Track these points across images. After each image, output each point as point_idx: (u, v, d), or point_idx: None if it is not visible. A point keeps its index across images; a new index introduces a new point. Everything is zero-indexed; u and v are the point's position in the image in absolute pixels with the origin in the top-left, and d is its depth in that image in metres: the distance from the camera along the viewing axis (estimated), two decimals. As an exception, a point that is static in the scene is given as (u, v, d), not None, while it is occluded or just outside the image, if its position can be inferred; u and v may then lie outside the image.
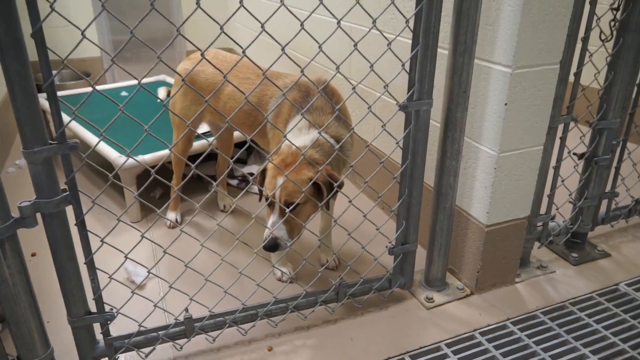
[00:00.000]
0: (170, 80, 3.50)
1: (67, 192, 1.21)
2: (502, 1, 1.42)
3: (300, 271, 1.89)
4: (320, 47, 1.24)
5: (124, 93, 3.37)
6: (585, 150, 1.87)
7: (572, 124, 1.73)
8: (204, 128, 2.59)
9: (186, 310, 1.45)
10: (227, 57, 1.94)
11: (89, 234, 1.27)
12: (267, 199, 1.55)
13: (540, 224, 1.87)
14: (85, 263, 1.28)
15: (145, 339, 1.44)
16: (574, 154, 1.86)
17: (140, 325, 1.40)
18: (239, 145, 2.86)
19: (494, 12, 1.46)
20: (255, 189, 2.58)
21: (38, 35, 1.04)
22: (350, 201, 1.45)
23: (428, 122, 1.48)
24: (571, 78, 1.63)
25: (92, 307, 1.35)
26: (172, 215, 2.28)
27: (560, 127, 1.72)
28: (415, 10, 1.34)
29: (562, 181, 1.84)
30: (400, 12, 1.36)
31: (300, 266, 1.65)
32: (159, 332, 1.44)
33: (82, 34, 1.05)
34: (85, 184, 2.66)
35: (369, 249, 1.64)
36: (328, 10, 1.35)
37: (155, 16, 1.05)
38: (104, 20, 4.43)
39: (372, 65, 1.35)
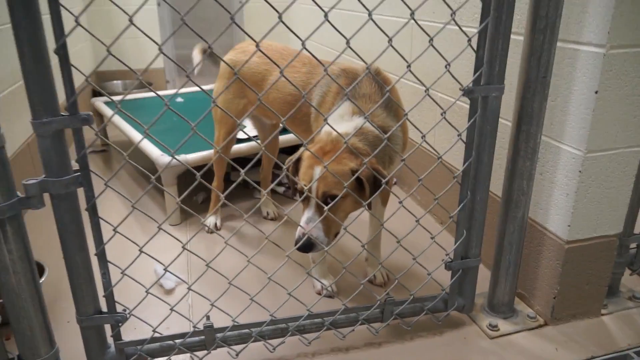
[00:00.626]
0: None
1: (79, 173, 1.08)
2: (594, -33, 1.18)
3: (343, 285, 1.68)
4: (370, 14, 1.05)
5: (179, 99, 3.36)
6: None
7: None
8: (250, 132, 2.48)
9: (207, 317, 1.28)
10: (273, 45, 1.80)
11: (103, 222, 1.14)
12: (301, 193, 1.36)
13: (633, 245, 1.55)
14: (95, 254, 1.14)
15: (161, 347, 1.28)
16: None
17: (154, 331, 1.24)
18: (286, 151, 2.70)
19: (583, -18, 1.21)
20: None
21: (49, -10, 0.92)
22: (400, 202, 1.23)
23: (498, 112, 1.24)
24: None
25: (104, 306, 1.21)
26: (211, 220, 2.14)
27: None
28: (486, -27, 1.12)
29: (663, 195, 1.52)
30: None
31: (340, 275, 1.43)
32: (176, 341, 1.27)
33: (160, 49, 0.92)
34: (129, 185, 2.60)
35: (422, 263, 1.40)
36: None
37: (214, 32, 0.97)
38: (168, 32, 4.52)
39: (431, 39, 1.14)
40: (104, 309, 1.21)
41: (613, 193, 1.36)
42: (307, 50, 1.12)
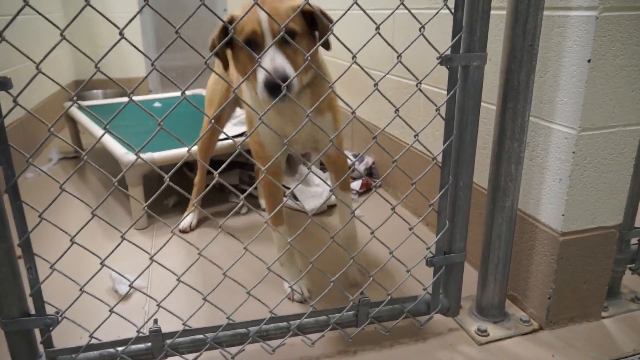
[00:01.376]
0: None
1: (-6, 147, 0.94)
2: None
3: (318, 289, 1.52)
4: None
5: (157, 104, 3.23)
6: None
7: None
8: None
9: (155, 321, 1.12)
10: None
11: (28, 208, 0.98)
12: (247, 41, 1.15)
13: (635, 241, 1.41)
14: (19, 245, 0.99)
15: (101, 355, 1.11)
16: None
17: (91, 337, 1.08)
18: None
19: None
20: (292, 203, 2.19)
21: None
22: (374, 187, 1.08)
23: (480, 85, 1.11)
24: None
25: (32, 307, 1.05)
26: (187, 219, 1.99)
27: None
28: None
29: (666, 184, 1.38)
30: None
31: (306, 271, 1.28)
32: (118, 349, 1.11)
33: (153, 64, 0.79)
34: (97, 189, 2.44)
35: (404, 262, 1.25)
36: None
37: (198, 41, 0.86)
38: (150, 41, 4.43)
39: (402, 1, 1.01)
40: (33, 310, 1.05)
41: (611, 178, 1.22)
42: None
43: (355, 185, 2.31)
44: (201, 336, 1.15)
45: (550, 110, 1.21)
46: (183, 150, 2.04)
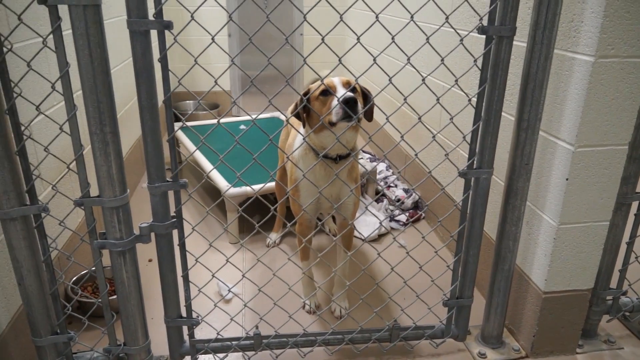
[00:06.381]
0: (282, 117, 3.89)
1: (175, 219, 1.54)
2: (569, 82, 1.52)
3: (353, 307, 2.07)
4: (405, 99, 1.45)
5: (242, 127, 3.80)
6: (667, 229, 1.83)
7: (649, 202, 1.72)
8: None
9: (256, 327, 1.71)
10: None
11: (188, 254, 1.59)
12: (323, 91, 1.65)
13: (610, 297, 1.85)
14: (182, 276, 1.60)
15: (222, 346, 1.72)
16: (653, 231, 1.82)
17: (218, 334, 1.69)
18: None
19: (562, 93, 1.55)
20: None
21: (164, 61, 1.38)
22: (404, 223, 1.60)
23: (488, 189, 1.60)
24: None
25: (184, 312, 1.66)
26: (272, 236, 2.61)
27: (635, 203, 1.72)
28: (478, 90, 1.49)
29: (637, 258, 1.81)
30: (463, 90, 1.52)
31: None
32: (232, 342, 1.72)
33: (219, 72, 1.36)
34: (196, 204, 3.10)
35: (426, 295, 1.77)
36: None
37: (278, 54, 1.38)
38: (236, 60, 5.05)
39: (434, 136, 1.52)
40: (184, 314, 1.67)
41: (584, 256, 1.68)
42: (361, 44, 1.53)
43: (403, 217, 2.83)
44: (285, 339, 1.73)
45: (542, 203, 1.68)
46: (271, 184, 2.61)
